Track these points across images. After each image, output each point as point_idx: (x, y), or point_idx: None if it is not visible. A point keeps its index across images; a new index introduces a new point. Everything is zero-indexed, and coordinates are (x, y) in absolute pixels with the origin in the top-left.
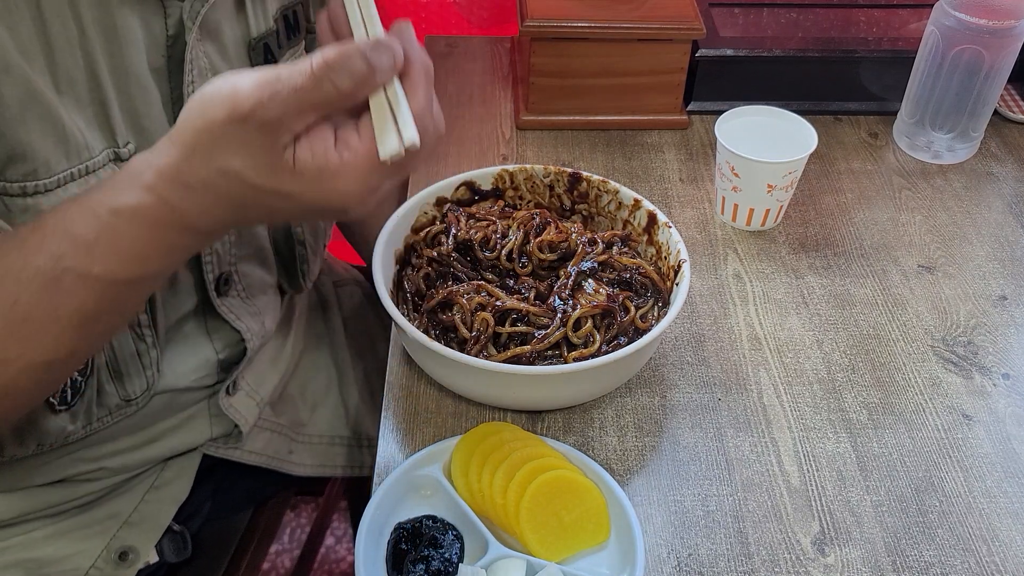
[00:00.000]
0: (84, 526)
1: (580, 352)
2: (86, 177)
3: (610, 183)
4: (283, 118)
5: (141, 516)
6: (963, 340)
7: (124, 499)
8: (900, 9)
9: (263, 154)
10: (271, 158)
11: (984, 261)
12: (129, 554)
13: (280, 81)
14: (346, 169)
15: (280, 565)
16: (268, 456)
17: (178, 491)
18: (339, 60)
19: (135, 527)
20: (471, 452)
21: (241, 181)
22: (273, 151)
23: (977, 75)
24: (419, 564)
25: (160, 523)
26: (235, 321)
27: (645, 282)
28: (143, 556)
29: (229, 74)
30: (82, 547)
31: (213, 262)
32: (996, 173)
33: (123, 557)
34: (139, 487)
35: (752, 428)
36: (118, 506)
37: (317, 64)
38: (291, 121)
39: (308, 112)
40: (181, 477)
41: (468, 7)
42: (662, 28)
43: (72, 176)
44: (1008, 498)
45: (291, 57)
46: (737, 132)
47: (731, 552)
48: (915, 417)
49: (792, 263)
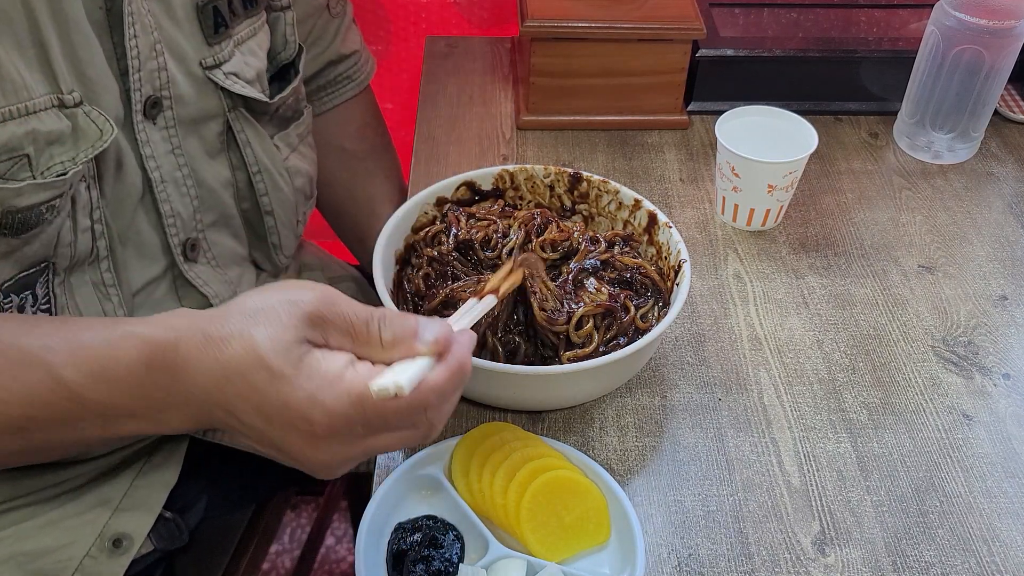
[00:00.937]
0: (75, 514)
1: (576, 352)
2: (25, 118)
3: (611, 183)
4: (325, 324)
5: (132, 502)
6: (963, 340)
7: (113, 485)
8: (900, 9)
9: (287, 332)
10: (291, 338)
11: (984, 261)
12: (123, 541)
13: (346, 302)
14: (340, 384)
15: (280, 565)
16: None
17: (167, 476)
18: (393, 316)
19: (127, 513)
20: (471, 452)
21: (248, 347)
22: (297, 335)
23: (977, 75)
24: (419, 564)
25: (152, 509)
26: (203, 286)
27: (646, 282)
28: (137, 543)
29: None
30: (75, 536)
31: (177, 225)
32: (996, 173)
33: (117, 544)
34: (127, 473)
35: (752, 428)
36: (108, 493)
37: (379, 312)
38: (329, 331)
39: (346, 338)
40: (169, 461)
41: (468, 7)
42: (662, 28)
43: (10, 114)
44: (1008, 498)
45: (248, 28)
46: (737, 132)
47: (731, 552)
48: (915, 417)
49: (792, 263)
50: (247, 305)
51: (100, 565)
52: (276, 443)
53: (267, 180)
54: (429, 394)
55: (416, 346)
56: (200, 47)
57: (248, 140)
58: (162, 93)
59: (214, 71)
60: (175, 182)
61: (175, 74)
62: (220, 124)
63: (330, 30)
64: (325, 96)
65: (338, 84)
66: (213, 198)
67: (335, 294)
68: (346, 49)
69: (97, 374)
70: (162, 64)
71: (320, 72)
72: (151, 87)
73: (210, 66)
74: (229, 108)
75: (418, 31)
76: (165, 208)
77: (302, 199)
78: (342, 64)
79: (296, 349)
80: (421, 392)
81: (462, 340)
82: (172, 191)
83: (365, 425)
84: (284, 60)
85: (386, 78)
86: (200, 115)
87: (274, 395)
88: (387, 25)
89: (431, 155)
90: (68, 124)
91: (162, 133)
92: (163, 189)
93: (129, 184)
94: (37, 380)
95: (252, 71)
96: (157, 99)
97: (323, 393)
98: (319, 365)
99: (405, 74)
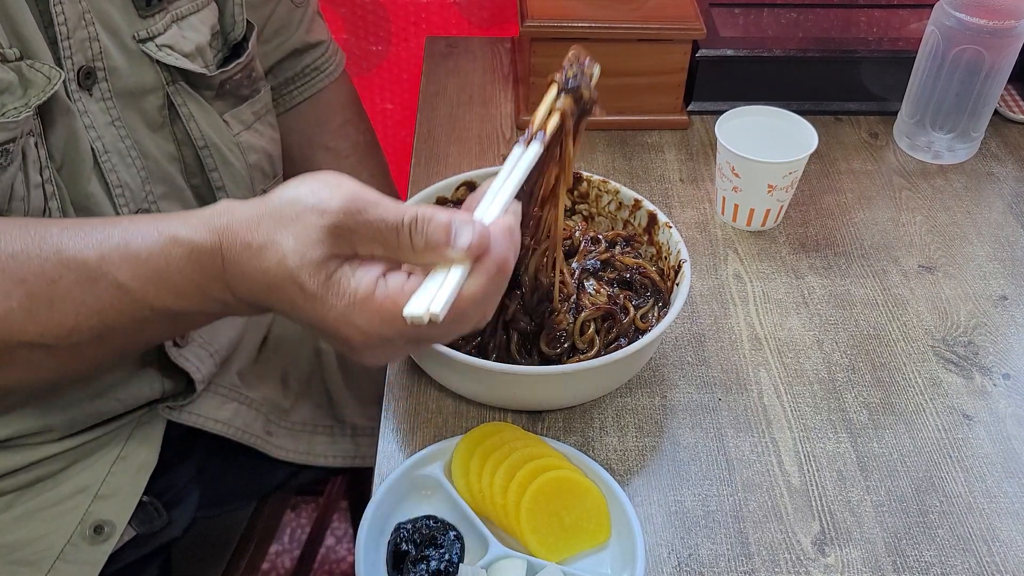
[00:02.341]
0: (53, 503)
1: (579, 357)
2: None
3: (610, 183)
4: (352, 235)
5: (111, 488)
6: (963, 340)
7: (91, 472)
8: (900, 9)
9: (314, 248)
10: (318, 255)
11: (984, 261)
12: (104, 528)
13: (373, 207)
14: (370, 303)
15: (280, 565)
16: (238, 429)
17: (145, 459)
18: (424, 221)
19: (107, 500)
20: (472, 452)
21: (280, 260)
22: (324, 251)
23: (977, 75)
24: (419, 564)
25: (133, 494)
26: None
27: (645, 282)
28: (119, 529)
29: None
30: (54, 526)
31: (126, 196)
32: (996, 173)
33: (98, 531)
34: (105, 458)
35: (752, 428)
36: (86, 479)
37: (410, 215)
38: (357, 241)
39: (376, 245)
40: (146, 444)
41: (468, 7)
42: (662, 28)
43: None
44: (1008, 498)
45: (190, 4)
46: (737, 132)
47: (731, 552)
48: (915, 417)
49: (792, 263)
50: (278, 207)
51: (81, 553)
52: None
53: (215, 155)
54: (468, 305)
55: (450, 255)
56: (133, 20)
57: (191, 114)
58: (95, 64)
59: (147, 44)
60: (119, 153)
61: (108, 46)
62: (160, 97)
63: (294, 19)
64: (295, 89)
65: (307, 76)
66: (160, 171)
67: (362, 198)
68: (312, 39)
69: (157, 283)
70: (93, 34)
71: (286, 61)
72: (83, 57)
73: (143, 39)
74: (168, 81)
75: (418, 31)
76: (112, 178)
77: (259, 176)
78: (308, 54)
79: (324, 267)
80: (458, 307)
81: (499, 237)
82: (118, 162)
83: (404, 339)
84: (234, 39)
85: (386, 78)
86: (137, 88)
87: (310, 310)
88: (387, 25)
89: (431, 155)
90: (14, 75)
91: (100, 104)
92: (108, 159)
93: (82, 151)
94: (105, 292)
95: (191, 45)
96: (91, 69)
97: (354, 314)
98: (348, 284)
99: (405, 74)
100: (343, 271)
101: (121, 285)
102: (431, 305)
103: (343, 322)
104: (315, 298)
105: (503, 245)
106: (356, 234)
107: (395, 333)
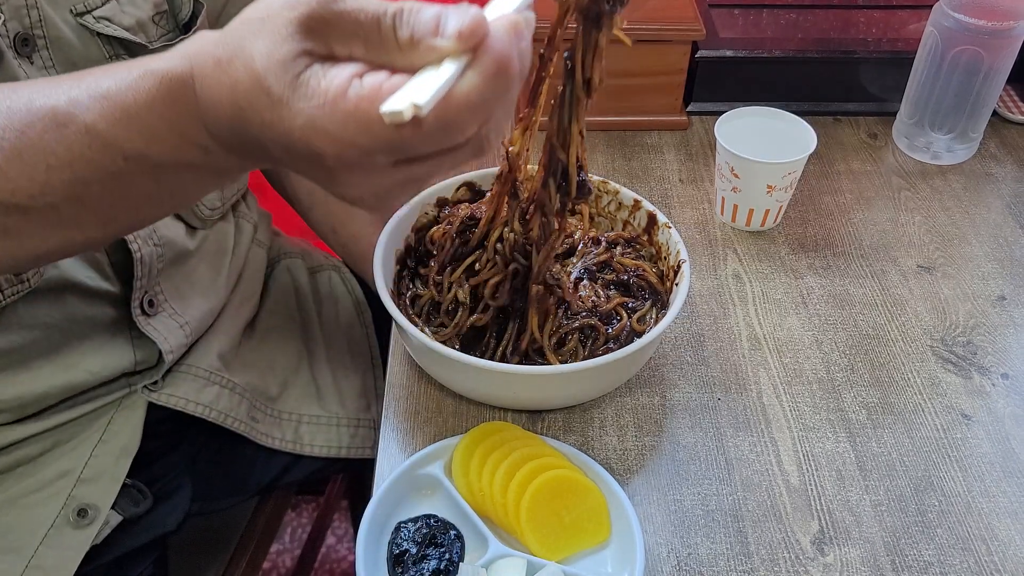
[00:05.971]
0: (35, 489)
1: None
2: None
3: (610, 184)
4: (327, 28)
5: (94, 472)
6: (962, 340)
7: (72, 456)
8: (899, 10)
9: (282, 44)
10: (285, 51)
11: (983, 261)
12: (88, 511)
13: None
14: (342, 103)
15: (281, 564)
16: (220, 412)
17: (128, 442)
18: (410, 11)
19: (90, 483)
20: (472, 452)
21: (247, 65)
22: (292, 47)
23: (976, 76)
24: (420, 563)
25: (116, 477)
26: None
27: (643, 285)
28: (103, 512)
29: None
30: (37, 511)
31: None
32: (995, 174)
33: (82, 515)
34: (87, 442)
35: (752, 428)
36: (68, 463)
37: (395, 6)
38: (332, 36)
39: (355, 41)
40: (127, 427)
41: None
42: (662, 29)
43: None
44: (1007, 498)
45: None
46: (737, 133)
47: (731, 552)
48: (914, 417)
49: (791, 263)
50: (248, 13)
51: (65, 538)
52: (306, 175)
53: None
54: (461, 109)
55: (438, 44)
56: None
57: None
58: (34, 32)
59: (84, 17)
60: None
61: (52, 17)
62: None
63: None
64: None
65: None
66: None
67: None
68: None
69: (127, 123)
70: (31, 3)
71: None
72: (19, 24)
73: (80, 12)
74: (111, 55)
75: None
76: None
77: None
78: None
79: (293, 66)
80: (449, 109)
81: (500, 33)
82: None
83: (386, 153)
84: (183, 19)
85: None
86: (82, 60)
87: (277, 123)
88: None
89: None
90: None
91: (42, 73)
92: None
93: None
94: (75, 138)
95: (130, 19)
96: (28, 37)
97: (322, 118)
98: (318, 83)
99: None
100: (313, 70)
101: (90, 128)
102: (414, 96)
103: (312, 130)
104: (280, 103)
105: (504, 42)
106: (331, 27)
107: (371, 141)
